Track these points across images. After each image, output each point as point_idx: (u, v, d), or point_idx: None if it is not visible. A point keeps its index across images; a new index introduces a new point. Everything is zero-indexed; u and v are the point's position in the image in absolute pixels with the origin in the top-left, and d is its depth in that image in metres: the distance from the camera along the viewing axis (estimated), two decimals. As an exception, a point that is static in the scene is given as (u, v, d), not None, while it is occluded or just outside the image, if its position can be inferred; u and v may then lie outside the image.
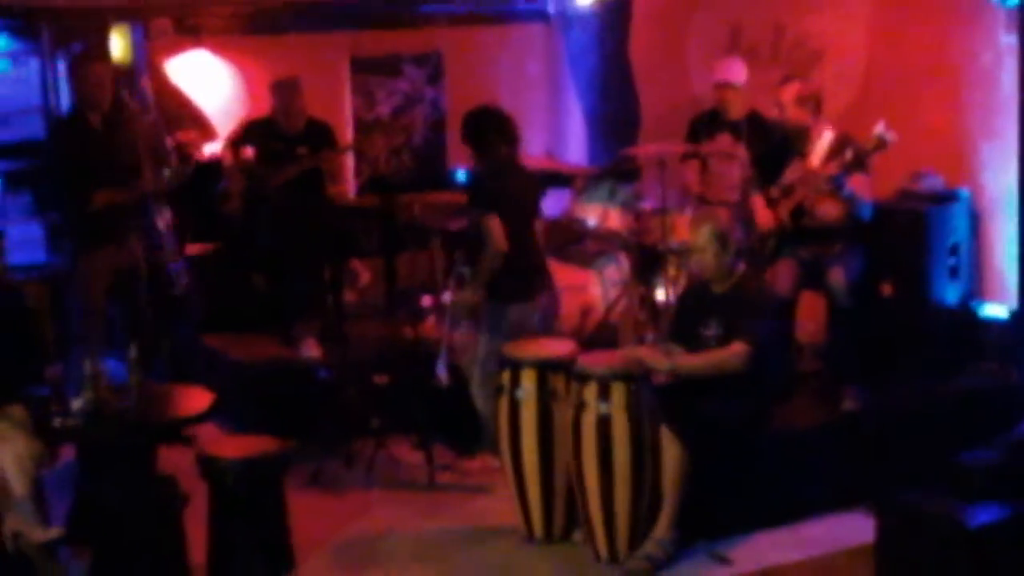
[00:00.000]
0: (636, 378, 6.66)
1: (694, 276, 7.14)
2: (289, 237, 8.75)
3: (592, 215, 8.99)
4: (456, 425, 7.87)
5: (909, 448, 7.39)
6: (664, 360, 6.76)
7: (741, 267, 6.90)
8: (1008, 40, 8.01)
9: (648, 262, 8.71)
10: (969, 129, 8.34)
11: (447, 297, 7.98)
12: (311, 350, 8.66)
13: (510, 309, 7.57)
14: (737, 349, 6.64)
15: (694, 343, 6.85)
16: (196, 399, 6.94)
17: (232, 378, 8.54)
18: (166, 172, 8.04)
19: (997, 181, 8.18)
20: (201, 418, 6.88)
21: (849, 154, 7.40)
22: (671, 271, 8.59)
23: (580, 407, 6.68)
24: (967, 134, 8.35)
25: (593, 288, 8.81)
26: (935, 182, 8.27)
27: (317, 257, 8.81)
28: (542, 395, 6.89)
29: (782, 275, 7.81)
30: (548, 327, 7.80)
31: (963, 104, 8.36)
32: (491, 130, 7.60)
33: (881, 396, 7.72)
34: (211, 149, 9.67)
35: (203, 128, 9.92)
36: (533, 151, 10.60)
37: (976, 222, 8.28)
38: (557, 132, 11.08)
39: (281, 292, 8.96)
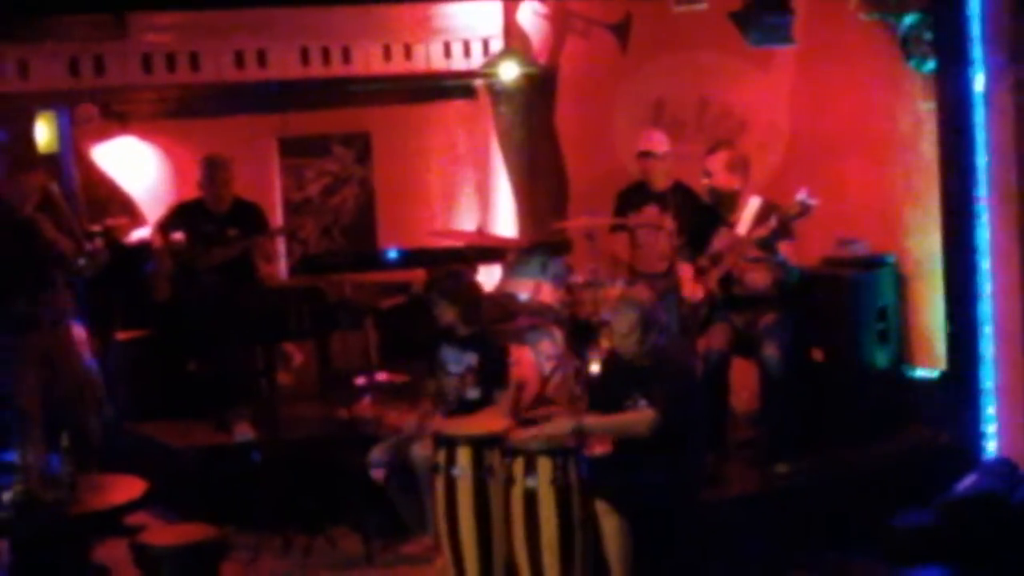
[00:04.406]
0: (564, 452, 6.69)
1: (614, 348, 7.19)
2: (220, 320, 8.71)
3: (524, 290, 9.03)
4: (393, 506, 7.81)
5: (844, 512, 7.43)
6: (568, 422, 6.80)
7: (661, 340, 6.94)
8: (926, 106, 8.15)
9: (581, 335, 8.73)
10: (892, 194, 8.47)
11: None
12: (245, 434, 8.60)
13: None
14: (645, 414, 6.68)
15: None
16: (129, 488, 6.89)
17: (166, 465, 8.45)
18: (81, 261, 7.97)
19: (921, 244, 8.30)
20: (134, 507, 6.83)
21: (774, 221, 7.51)
22: (604, 343, 8.61)
23: (509, 482, 6.75)
24: (890, 199, 8.48)
25: (527, 362, 8.81)
26: (861, 247, 8.38)
27: (249, 340, 8.76)
28: (478, 472, 6.89)
29: (716, 338, 7.88)
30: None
31: (885, 170, 8.50)
32: None
33: (815, 461, 7.77)
34: (140, 234, 9.63)
35: (132, 214, 9.88)
36: (464, 227, 10.66)
37: (902, 286, 8.39)
38: (487, 208, 11.12)
39: (213, 376, 8.91)
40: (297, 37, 10.20)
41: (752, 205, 7.83)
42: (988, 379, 7.66)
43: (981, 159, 7.67)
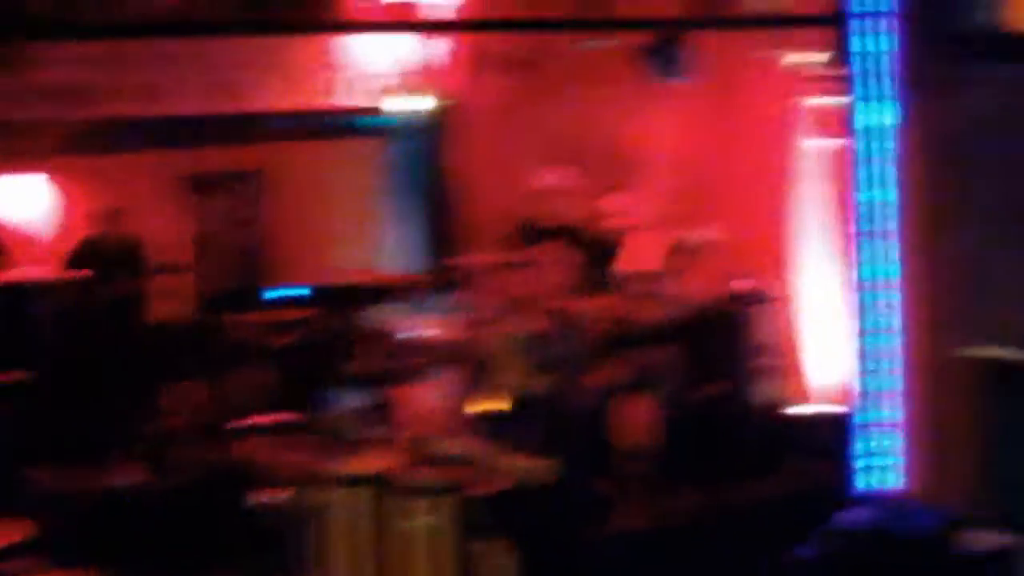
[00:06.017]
0: (452, 490, 6.65)
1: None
2: (109, 360, 8.62)
3: (420, 326, 8.97)
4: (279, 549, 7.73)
5: (733, 547, 7.41)
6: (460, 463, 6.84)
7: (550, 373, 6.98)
8: (827, 141, 8.19)
9: (478, 371, 8.70)
10: (784, 232, 8.52)
11: None
12: (132, 476, 8.48)
13: None
14: (543, 463, 6.75)
15: None
16: (10, 532, 6.78)
17: (51, 509, 8.30)
18: None
19: (811, 282, 8.35)
20: (17, 551, 6.72)
21: (674, 259, 7.56)
22: (499, 379, 8.58)
23: (389, 521, 6.74)
24: (782, 237, 8.52)
25: (421, 400, 8.76)
26: (751, 284, 8.42)
27: (141, 379, 8.68)
28: (354, 511, 6.83)
29: (609, 373, 7.89)
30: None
31: (778, 208, 8.54)
32: None
33: (705, 496, 7.78)
34: (30, 274, 9.51)
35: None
36: (360, 265, 10.61)
37: (792, 323, 8.42)
38: (384, 245, 11.08)
39: (101, 417, 8.80)
40: (197, 72, 10.12)
41: (646, 244, 7.87)
42: (869, 414, 7.66)
43: (889, 194, 7.67)
